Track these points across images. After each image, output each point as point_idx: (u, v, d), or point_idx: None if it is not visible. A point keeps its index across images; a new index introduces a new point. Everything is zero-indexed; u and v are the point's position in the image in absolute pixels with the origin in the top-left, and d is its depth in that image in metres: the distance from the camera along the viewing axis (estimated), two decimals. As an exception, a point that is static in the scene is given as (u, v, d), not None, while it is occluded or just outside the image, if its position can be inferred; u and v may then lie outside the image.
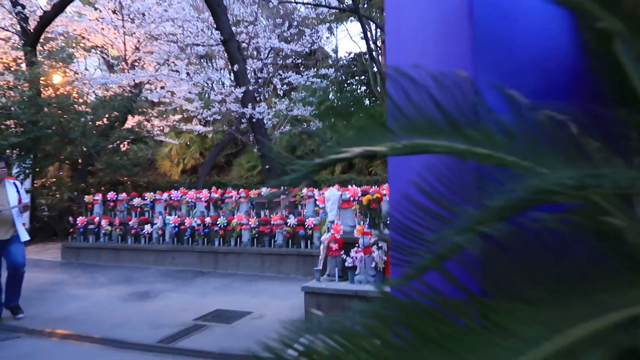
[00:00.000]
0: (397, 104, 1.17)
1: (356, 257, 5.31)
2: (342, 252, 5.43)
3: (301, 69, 14.63)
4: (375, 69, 24.10)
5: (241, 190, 10.41)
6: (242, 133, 14.31)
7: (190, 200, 10.32)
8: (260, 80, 12.67)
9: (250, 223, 9.19)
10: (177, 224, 9.85)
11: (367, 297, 5.14)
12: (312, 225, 8.62)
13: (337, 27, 21.96)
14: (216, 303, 6.93)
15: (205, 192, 10.41)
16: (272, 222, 8.96)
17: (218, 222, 9.45)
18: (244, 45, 13.04)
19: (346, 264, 5.35)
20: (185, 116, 17.51)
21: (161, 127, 16.81)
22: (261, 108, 11.88)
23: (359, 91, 26.44)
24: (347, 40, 48.53)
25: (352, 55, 24.76)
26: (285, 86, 13.87)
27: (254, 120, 12.08)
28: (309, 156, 1.16)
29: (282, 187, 1.25)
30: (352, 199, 5.96)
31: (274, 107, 13.85)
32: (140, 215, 10.74)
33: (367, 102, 25.23)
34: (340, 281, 5.47)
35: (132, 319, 6.16)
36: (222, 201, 10.44)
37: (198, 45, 13.62)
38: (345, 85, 26.19)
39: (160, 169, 21.09)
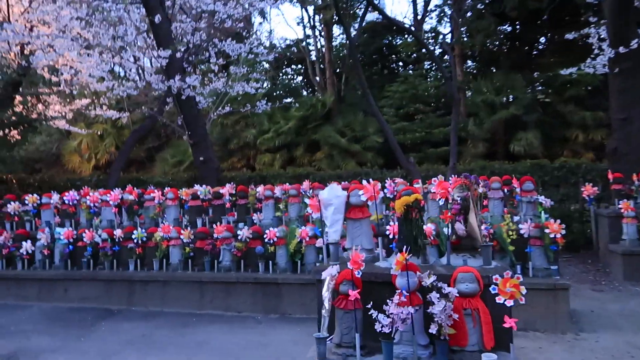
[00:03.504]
0: None
1: (397, 315, 2.78)
2: (371, 303, 2.88)
3: (244, 34, 11.74)
4: (313, 58, 21.79)
5: (167, 189, 7.47)
6: (168, 118, 11.22)
7: (92, 205, 7.25)
8: (190, 47, 9.72)
9: (182, 237, 6.38)
10: (71, 240, 6.81)
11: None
12: (275, 239, 5.98)
13: (271, 8, 19.30)
14: (129, 378, 4.19)
15: (115, 192, 7.33)
16: (215, 236, 6.21)
17: (134, 236, 6.56)
18: (167, 3, 10.01)
19: (377, 327, 2.81)
20: (95, 100, 14.16)
21: (63, 113, 13.47)
22: (192, 80, 8.96)
23: (294, 81, 24.08)
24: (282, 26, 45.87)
25: (287, 42, 22.34)
26: (221, 59, 10.95)
27: (183, 97, 9.17)
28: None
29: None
30: (369, 203, 3.44)
31: (209, 85, 10.91)
32: (19, 227, 7.52)
33: (304, 92, 22.90)
34: (365, 357, 2.92)
35: None
36: (140, 205, 7.45)
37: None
38: (281, 74, 23.72)
39: (67, 166, 17.62)
